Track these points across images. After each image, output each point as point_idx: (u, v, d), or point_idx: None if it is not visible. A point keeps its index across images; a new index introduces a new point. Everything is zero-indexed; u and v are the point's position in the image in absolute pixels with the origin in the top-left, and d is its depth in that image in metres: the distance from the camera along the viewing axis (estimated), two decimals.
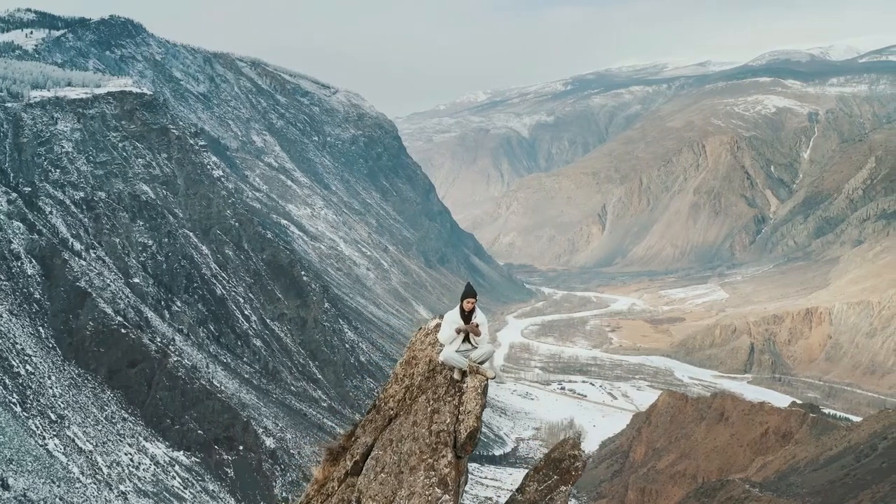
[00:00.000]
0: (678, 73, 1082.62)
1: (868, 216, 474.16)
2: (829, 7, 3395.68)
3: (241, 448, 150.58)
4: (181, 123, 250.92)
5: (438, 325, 19.84)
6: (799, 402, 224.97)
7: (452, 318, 18.62)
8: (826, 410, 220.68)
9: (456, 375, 18.29)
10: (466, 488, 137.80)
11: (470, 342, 18.59)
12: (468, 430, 17.64)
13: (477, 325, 18.43)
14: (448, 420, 17.67)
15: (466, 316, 18.65)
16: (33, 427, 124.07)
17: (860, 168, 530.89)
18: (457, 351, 18.68)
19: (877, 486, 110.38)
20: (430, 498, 16.66)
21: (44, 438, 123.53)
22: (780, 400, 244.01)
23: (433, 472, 16.97)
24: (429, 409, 17.96)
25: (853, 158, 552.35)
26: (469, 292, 19.11)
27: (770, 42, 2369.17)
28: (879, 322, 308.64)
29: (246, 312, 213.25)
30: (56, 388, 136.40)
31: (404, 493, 17.03)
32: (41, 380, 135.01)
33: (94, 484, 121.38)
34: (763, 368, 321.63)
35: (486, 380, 18.57)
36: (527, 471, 20.04)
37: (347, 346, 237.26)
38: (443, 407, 17.90)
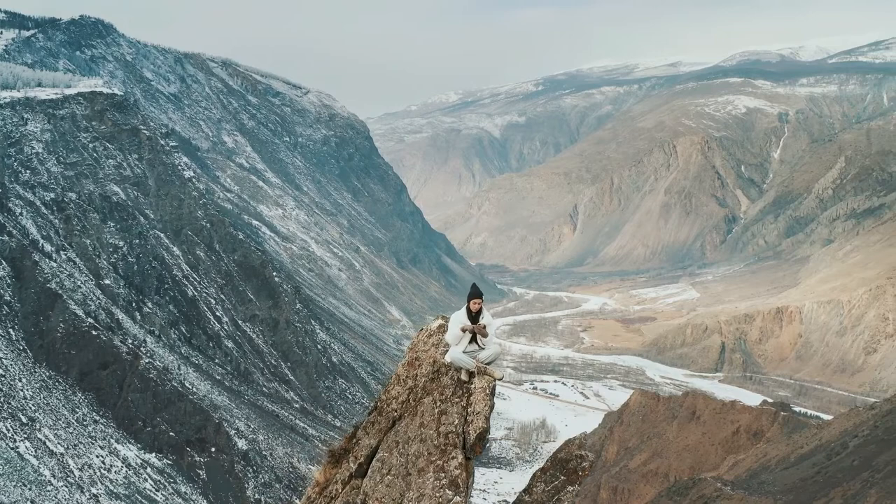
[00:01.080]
0: (649, 73, 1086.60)
1: (838, 216, 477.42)
2: (799, 8, 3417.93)
3: (213, 450, 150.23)
4: (152, 124, 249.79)
5: (441, 326, 20.00)
6: (770, 400, 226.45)
7: (459, 319, 18.75)
8: (797, 409, 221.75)
9: (463, 376, 18.45)
10: None
11: (477, 343, 18.75)
12: (477, 432, 17.76)
13: (484, 327, 18.57)
14: (456, 421, 17.78)
15: (473, 317, 18.67)
16: (4, 430, 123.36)
17: (830, 168, 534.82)
18: (463, 352, 18.74)
19: (848, 484, 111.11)
20: (441, 499, 16.79)
21: (15, 441, 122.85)
22: (752, 398, 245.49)
23: (443, 474, 17.07)
24: (436, 410, 18.03)
25: (823, 158, 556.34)
26: (476, 293, 19.32)
27: (740, 43, 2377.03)
28: (849, 321, 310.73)
29: (217, 314, 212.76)
30: (27, 390, 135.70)
31: (413, 494, 17.10)
32: (12, 382, 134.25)
33: (66, 487, 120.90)
34: (734, 367, 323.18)
35: (494, 380, 18.66)
36: (533, 471, 20.15)
37: (319, 346, 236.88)
38: (450, 408, 18.01)
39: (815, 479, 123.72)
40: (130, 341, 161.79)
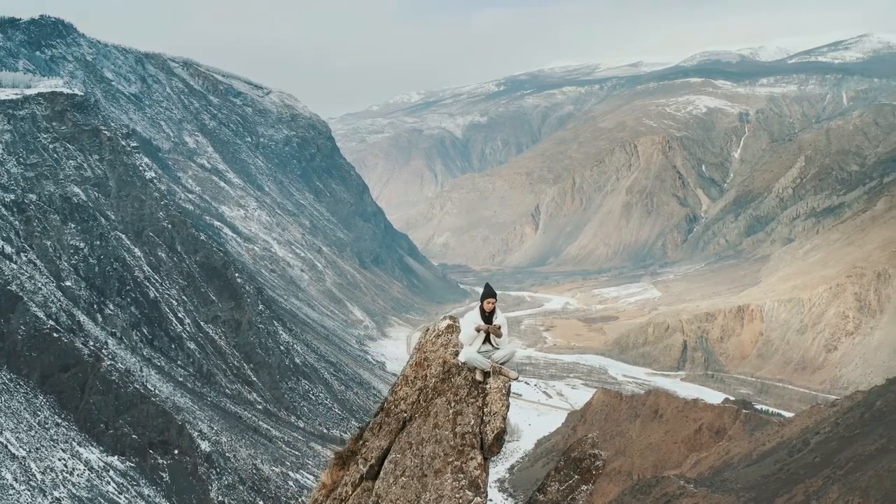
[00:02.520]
0: (610, 73, 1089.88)
1: (798, 215, 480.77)
2: (760, 9, 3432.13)
3: (176, 452, 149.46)
4: (113, 124, 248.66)
5: (449, 327, 20.04)
6: (732, 398, 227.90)
7: (473, 319, 18.95)
8: (759, 406, 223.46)
9: (478, 376, 18.50)
10: None
11: (490, 343, 18.80)
12: (495, 432, 17.83)
13: (499, 327, 18.54)
14: (472, 422, 17.82)
15: (487, 317, 18.75)
16: None
17: (790, 167, 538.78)
18: (477, 352, 18.78)
19: (810, 481, 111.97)
20: (461, 500, 16.84)
21: None
22: (713, 396, 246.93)
23: (462, 475, 17.12)
24: (450, 411, 18.05)
25: (783, 158, 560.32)
26: (489, 292, 19.52)
27: (701, 43, 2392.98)
28: (810, 319, 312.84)
29: (179, 315, 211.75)
30: None
31: (431, 496, 17.10)
32: None
33: (28, 490, 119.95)
34: (696, 366, 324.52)
35: (510, 380, 18.68)
36: (548, 470, 20.16)
37: (282, 347, 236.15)
38: (466, 409, 18.05)
39: (777, 475, 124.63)
40: (92, 343, 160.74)
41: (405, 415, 19.31)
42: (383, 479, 18.35)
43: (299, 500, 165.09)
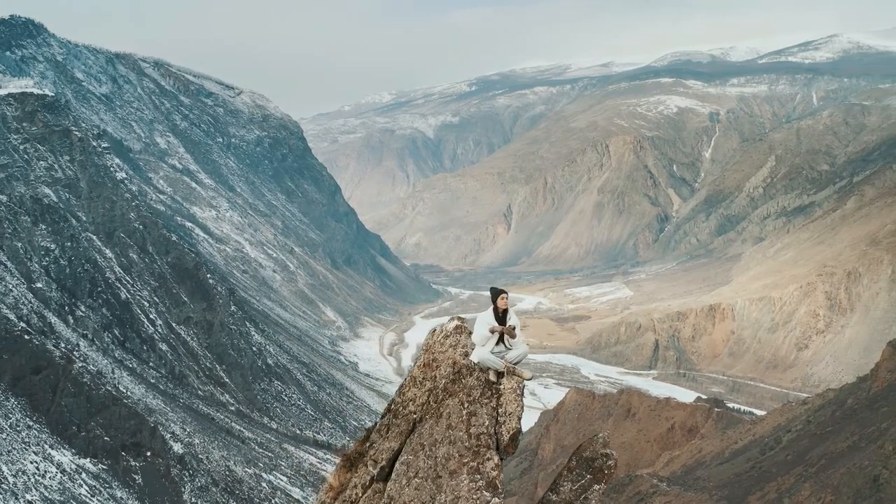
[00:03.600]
0: (582, 73, 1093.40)
1: (768, 214, 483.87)
2: (730, 9, 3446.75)
3: (148, 454, 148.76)
4: (83, 125, 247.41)
5: (458, 327, 20.07)
6: (704, 397, 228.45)
7: (486, 320, 18.96)
8: (730, 405, 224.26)
9: (492, 377, 18.45)
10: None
11: (504, 344, 18.80)
12: (511, 432, 17.82)
13: (513, 328, 18.73)
14: (487, 422, 17.79)
15: (501, 317, 18.81)
16: None
17: (760, 167, 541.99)
18: (490, 352, 18.85)
19: (782, 478, 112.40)
20: (478, 501, 16.78)
21: None
22: (686, 395, 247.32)
23: (479, 476, 17.06)
24: (464, 412, 18.00)
25: (753, 157, 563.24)
26: (500, 290, 19.55)
27: (672, 43, 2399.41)
28: (781, 317, 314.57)
29: (151, 316, 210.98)
30: None
31: (447, 497, 17.02)
32: None
33: (0, 493, 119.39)
34: (668, 364, 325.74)
35: (523, 381, 18.73)
36: (559, 470, 20.17)
37: (254, 348, 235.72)
38: (480, 409, 18.01)
39: (749, 473, 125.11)
40: (63, 345, 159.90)
41: (415, 416, 19.26)
42: (395, 481, 18.33)
43: (273, 501, 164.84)
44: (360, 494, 19.27)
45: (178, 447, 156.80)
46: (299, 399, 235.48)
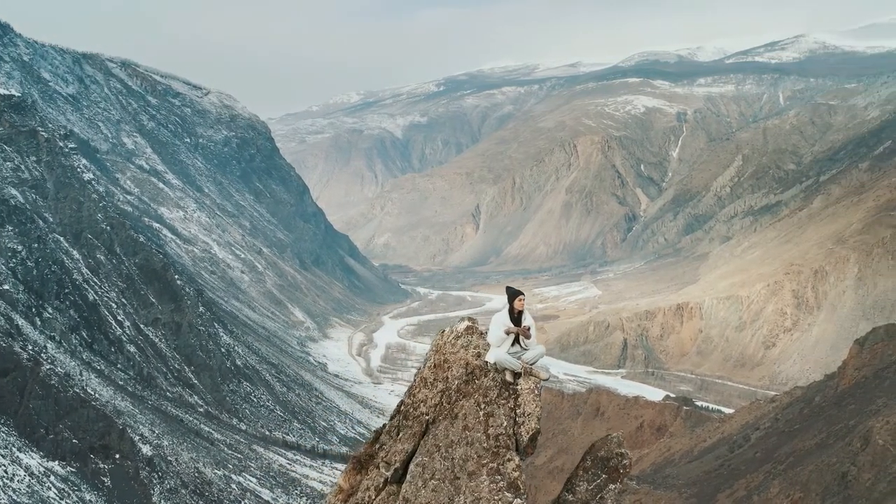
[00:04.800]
0: (549, 73, 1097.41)
1: (736, 213, 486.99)
2: (698, 10, 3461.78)
3: (117, 456, 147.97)
4: (50, 125, 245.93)
5: (469, 328, 20.06)
6: (672, 395, 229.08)
7: (502, 320, 19.10)
8: (699, 403, 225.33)
9: (508, 377, 18.49)
10: None
11: (519, 344, 18.87)
12: (530, 433, 17.92)
13: (528, 329, 18.79)
14: (505, 423, 17.84)
15: (516, 318, 18.93)
16: None
17: (727, 166, 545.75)
18: (506, 353, 18.85)
19: (751, 476, 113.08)
20: (500, 502, 16.87)
21: None
22: (654, 394, 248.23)
23: (499, 476, 17.17)
24: (481, 413, 18.02)
25: (720, 157, 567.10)
26: (517, 291, 19.81)
27: (639, 44, 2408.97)
28: (748, 316, 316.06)
29: (119, 318, 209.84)
30: None
31: (466, 499, 17.12)
32: None
33: None
34: (636, 363, 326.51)
35: (540, 381, 18.74)
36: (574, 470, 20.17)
37: (223, 350, 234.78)
38: (497, 410, 18.04)
39: (718, 471, 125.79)
40: (31, 347, 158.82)
41: (427, 417, 19.18)
42: (411, 483, 18.27)
43: (242, 502, 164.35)
44: (374, 497, 19.18)
45: (146, 449, 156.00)
46: (268, 400, 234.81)
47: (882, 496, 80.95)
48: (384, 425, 20.59)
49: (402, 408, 19.99)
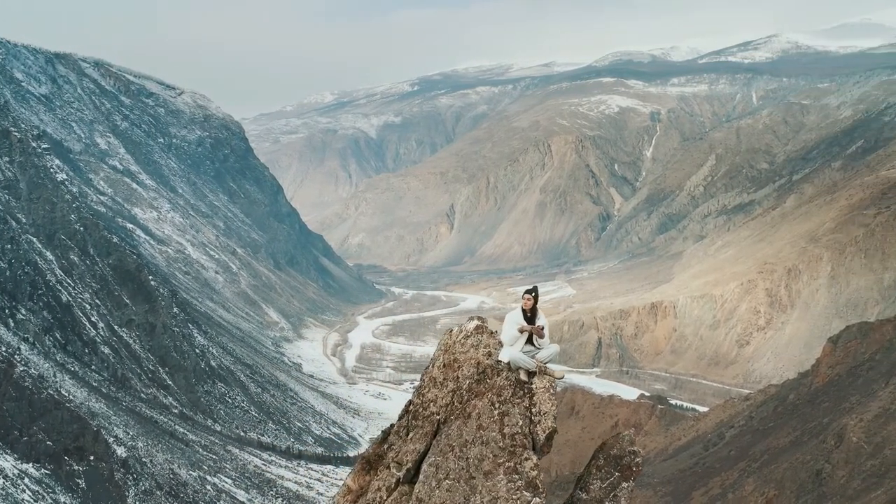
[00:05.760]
0: (523, 73, 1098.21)
1: (709, 212, 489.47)
2: (671, 10, 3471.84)
3: (91, 458, 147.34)
4: (23, 126, 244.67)
5: (478, 327, 20.11)
6: (647, 394, 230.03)
7: (515, 319, 19.24)
8: (673, 401, 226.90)
9: (522, 376, 18.54)
10: (322, 490, 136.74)
11: (533, 343, 18.97)
12: (547, 432, 17.93)
13: (542, 328, 18.86)
14: (521, 422, 17.85)
15: (529, 317, 19.01)
16: None
17: (701, 166, 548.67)
18: (520, 352, 18.87)
19: (726, 474, 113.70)
20: (519, 501, 16.86)
21: None
22: (629, 392, 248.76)
23: (517, 475, 17.20)
24: (495, 412, 18.05)
25: (694, 156, 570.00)
26: (527, 290, 19.96)
27: (613, 43, 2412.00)
28: (722, 314, 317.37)
29: (93, 319, 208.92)
30: None
31: (483, 498, 17.13)
32: None
33: None
34: (611, 362, 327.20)
35: (555, 380, 18.76)
36: (586, 469, 20.19)
37: (197, 350, 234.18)
38: (512, 409, 18.09)
39: (693, 469, 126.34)
40: (4, 349, 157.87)
41: (438, 417, 19.17)
42: (424, 483, 18.22)
43: None
44: (385, 497, 19.12)
45: (121, 451, 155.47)
46: (243, 401, 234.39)
47: (856, 493, 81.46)
48: (392, 425, 20.57)
49: (411, 408, 19.96)
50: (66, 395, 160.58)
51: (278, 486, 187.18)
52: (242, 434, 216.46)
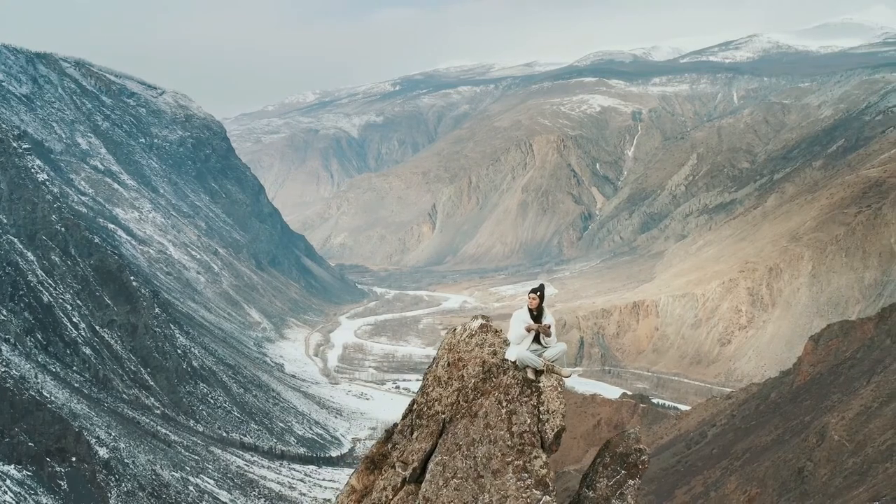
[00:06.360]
0: (505, 73, 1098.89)
1: (691, 211, 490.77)
2: (652, 9, 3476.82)
3: (73, 459, 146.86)
4: (4, 126, 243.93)
5: (483, 326, 20.05)
6: (629, 393, 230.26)
7: (522, 318, 19.17)
8: (655, 400, 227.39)
9: (530, 375, 18.55)
10: (305, 490, 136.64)
11: (540, 342, 19.01)
12: (555, 430, 17.92)
13: (549, 326, 18.97)
14: (529, 421, 17.84)
15: (536, 316, 19.12)
16: None
17: (682, 165, 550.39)
18: (527, 350, 18.81)
19: (708, 472, 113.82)
20: (529, 500, 16.95)
21: None
22: (611, 392, 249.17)
23: (526, 474, 17.22)
24: (503, 410, 18.04)
25: (675, 156, 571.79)
26: (533, 289, 19.88)
27: (595, 43, 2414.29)
28: (704, 313, 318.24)
29: (74, 320, 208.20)
30: None
31: (492, 497, 17.12)
32: None
33: None
34: (593, 361, 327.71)
35: (563, 378, 18.79)
36: (591, 467, 20.20)
37: (179, 351, 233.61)
38: (520, 408, 18.05)
39: (675, 468, 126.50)
40: None
41: (443, 416, 19.10)
42: (431, 482, 18.15)
43: None
44: (392, 496, 19.06)
45: (103, 452, 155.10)
46: (225, 401, 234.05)
47: (838, 491, 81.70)
48: (395, 424, 20.54)
49: (415, 407, 19.91)
50: (48, 396, 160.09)
51: (261, 486, 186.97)
52: (225, 435, 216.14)
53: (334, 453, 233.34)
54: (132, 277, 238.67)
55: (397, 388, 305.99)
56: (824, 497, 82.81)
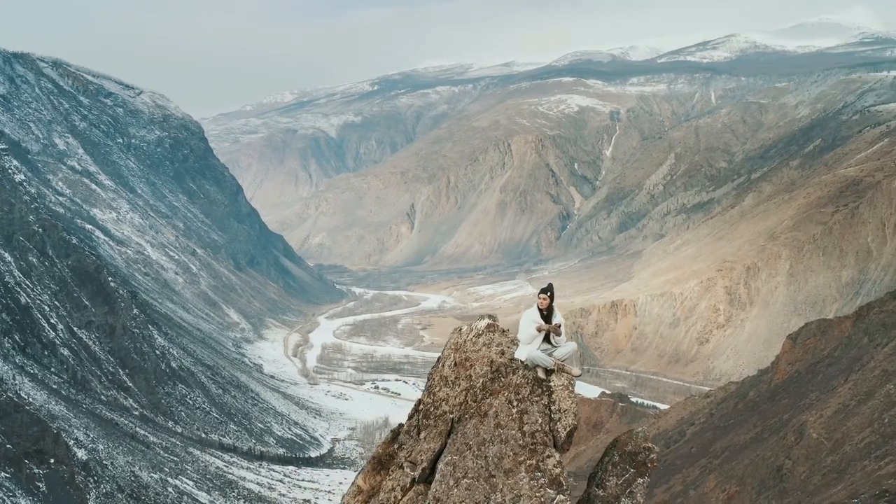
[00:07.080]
0: (483, 73, 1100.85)
1: (668, 211, 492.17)
2: (631, 9, 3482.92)
3: (52, 461, 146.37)
4: None
5: (490, 326, 20.09)
6: (608, 392, 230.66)
7: (532, 318, 19.28)
8: (634, 399, 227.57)
9: (541, 374, 18.64)
10: (285, 491, 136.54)
11: (550, 341, 19.09)
12: (568, 429, 17.98)
13: (559, 326, 19.05)
14: (540, 420, 17.89)
15: (546, 316, 19.19)
16: None
17: (660, 165, 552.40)
18: (538, 349, 18.87)
19: (687, 470, 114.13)
20: (543, 499, 17.09)
21: None
22: (590, 391, 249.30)
23: (539, 473, 17.28)
24: (514, 410, 18.09)
25: (653, 155, 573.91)
26: (543, 289, 19.98)
27: (573, 43, 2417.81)
28: (682, 312, 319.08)
29: (52, 321, 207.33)
30: None
31: (504, 497, 17.14)
32: None
33: None
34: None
35: (573, 377, 18.83)
36: (599, 465, 20.21)
37: (158, 352, 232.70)
38: (531, 407, 18.12)
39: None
40: None
41: (452, 416, 19.13)
42: (441, 482, 18.17)
43: None
44: (400, 497, 19.08)
45: (82, 453, 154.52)
46: (204, 402, 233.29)
47: (816, 488, 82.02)
48: (401, 424, 20.53)
49: (422, 407, 19.90)
50: (26, 397, 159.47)
51: (240, 487, 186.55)
52: (203, 436, 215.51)
53: (313, 454, 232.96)
54: (110, 278, 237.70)
55: (376, 388, 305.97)
56: (803, 495, 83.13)
